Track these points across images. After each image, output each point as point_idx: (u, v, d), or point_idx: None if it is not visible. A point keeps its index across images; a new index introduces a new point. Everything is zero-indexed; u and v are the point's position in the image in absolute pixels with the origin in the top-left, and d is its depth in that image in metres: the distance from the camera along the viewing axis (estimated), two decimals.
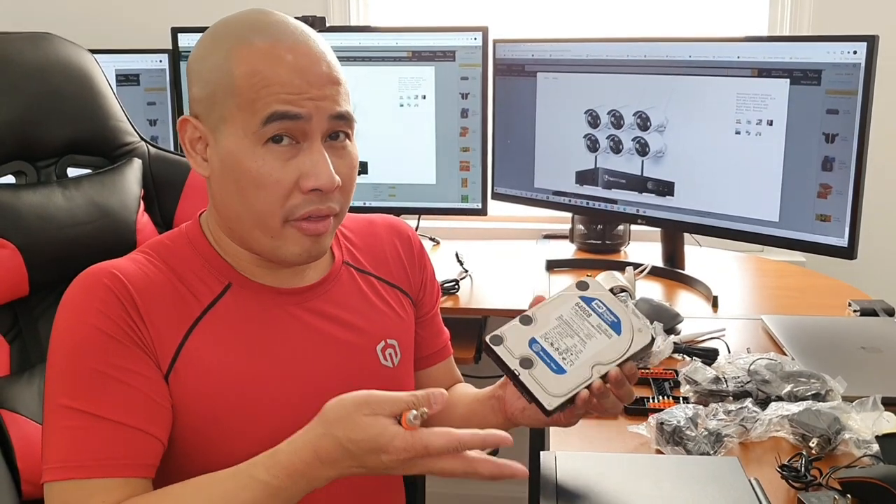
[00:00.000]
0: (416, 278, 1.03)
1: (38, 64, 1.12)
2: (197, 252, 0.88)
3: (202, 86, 0.84)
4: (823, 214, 1.46)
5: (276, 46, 0.81)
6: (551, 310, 0.88)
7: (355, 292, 0.95)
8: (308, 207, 0.82)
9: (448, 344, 1.09)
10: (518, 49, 1.84)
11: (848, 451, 0.98)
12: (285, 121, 0.80)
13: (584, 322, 0.88)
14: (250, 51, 0.81)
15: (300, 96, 0.80)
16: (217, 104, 0.82)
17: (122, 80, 1.99)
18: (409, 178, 1.92)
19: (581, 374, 0.84)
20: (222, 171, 0.83)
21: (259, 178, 0.81)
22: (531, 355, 0.85)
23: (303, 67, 0.81)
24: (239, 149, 0.81)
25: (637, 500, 0.83)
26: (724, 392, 1.11)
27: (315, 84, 0.81)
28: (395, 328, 0.97)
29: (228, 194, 0.84)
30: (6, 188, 1.08)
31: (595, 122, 1.75)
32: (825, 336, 1.36)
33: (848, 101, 1.40)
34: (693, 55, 1.59)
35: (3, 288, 1.03)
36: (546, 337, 0.86)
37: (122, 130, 1.20)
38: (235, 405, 0.84)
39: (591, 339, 0.87)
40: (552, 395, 0.83)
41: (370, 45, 1.87)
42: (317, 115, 0.81)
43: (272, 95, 0.79)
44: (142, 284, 0.83)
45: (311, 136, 0.82)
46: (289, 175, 0.81)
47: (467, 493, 2.29)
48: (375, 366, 0.93)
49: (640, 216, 1.73)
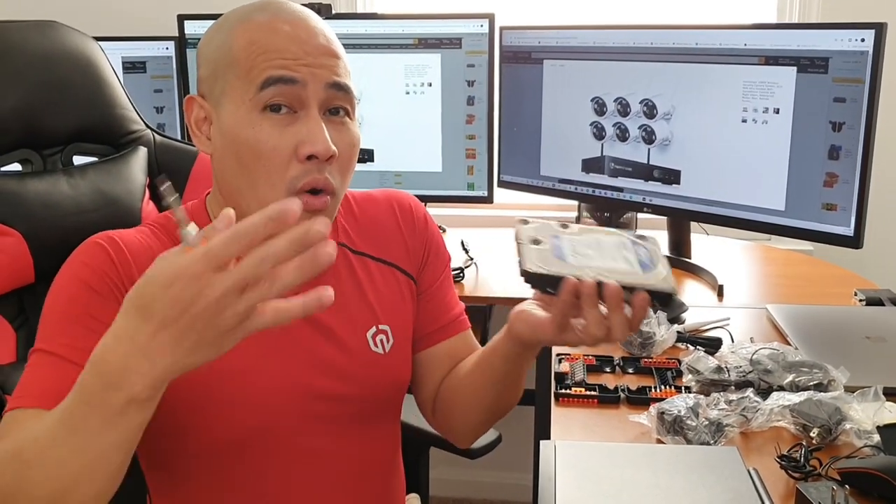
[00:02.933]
0: (417, 250, 1.00)
1: (43, 52, 1.12)
2: None
3: (206, 65, 0.87)
4: (830, 203, 1.46)
5: (275, 20, 0.84)
6: (597, 231, 0.84)
7: (348, 276, 0.94)
8: (306, 177, 0.83)
9: (462, 318, 1.03)
10: (524, 36, 1.83)
11: (849, 441, 0.97)
12: (280, 85, 0.81)
13: (618, 251, 0.82)
14: (250, 25, 0.84)
15: (296, 62, 0.82)
16: (219, 78, 0.85)
17: (129, 68, 1.99)
18: (414, 165, 1.92)
19: (578, 270, 0.77)
20: (223, 146, 0.85)
21: (256, 145, 0.82)
22: (543, 238, 0.81)
23: (299, 37, 0.83)
24: (237, 119, 0.83)
25: (635, 489, 0.83)
26: (725, 382, 1.11)
27: (311, 53, 0.83)
28: (388, 313, 0.96)
29: (230, 169, 0.85)
30: (11, 176, 1.08)
31: (601, 109, 1.74)
32: (830, 325, 1.36)
33: (855, 89, 1.39)
34: (700, 42, 1.58)
35: (9, 275, 1.04)
36: (571, 239, 0.82)
37: (127, 118, 1.21)
38: (222, 387, 0.85)
39: (611, 260, 0.80)
40: (535, 264, 0.78)
41: (376, 33, 1.86)
42: (312, 81, 0.82)
43: (268, 61, 0.82)
44: (139, 250, 0.84)
45: (307, 104, 0.83)
46: (286, 142, 0.82)
47: (471, 480, 2.30)
48: (365, 352, 0.93)
49: (646, 204, 1.72)
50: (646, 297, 0.76)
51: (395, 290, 0.98)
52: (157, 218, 0.92)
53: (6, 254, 1.04)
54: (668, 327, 1.27)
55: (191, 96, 0.88)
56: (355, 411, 0.92)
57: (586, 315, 0.77)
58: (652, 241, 0.85)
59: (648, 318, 1.11)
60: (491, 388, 0.94)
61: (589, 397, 1.12)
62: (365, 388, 0.93)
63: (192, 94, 0.88)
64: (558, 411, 1.10)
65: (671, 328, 1.27)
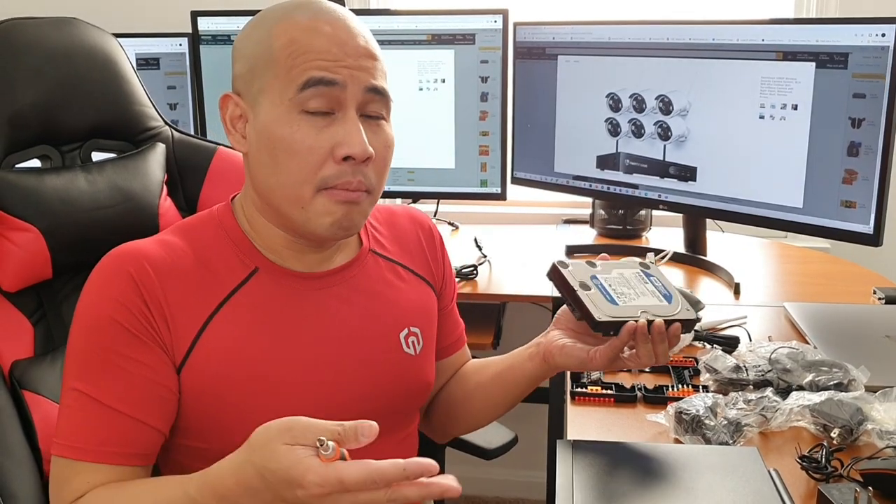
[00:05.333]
0: (438, 270, 1.04)
1: (62, 48, 1.12)
2: (226, 235, 0.90)
3: (243, 62, 0.86)
4: (849, 200, 1.44)
5: (316, 20, 0.84)
6: (614, 266, 0.99)
7: (380, 279, 0.96)
8: (340, 179, 0.83)
9: (463, 334, 1.11)
10: (539, 32, 1.82)
11: (870, 442, 0.96)
12: (321, 86, 0.81)
13: (641, 284, 0.97)
14: (290, 24, 0.84)
15: (336, 63, 0.82)
16: (256, 77, 0.84)
17: (143, 64, 1.99)
18: (427, 162, 1.91)
19: (630, 311, 0.91)
20: (258, 144, 0.85)
21: (292, 144, 0.82)
22: (590, 283, 0.94)
23: (340, 39, 0.83)
24: (275, 117, 0.83)
25: (653, 489, 0.82)
26: (744, 381, 1.10)
27: (351, 55, 0.83)
28: (418, 316, 0.97)
29: (263, 166, 0.85)
30: (30, 172, 1.09)
31: (616, 105, 1.73)
32: (849, 324, 1.35)
33: (875, 84, 1.37)
34: (716, 38, 1.57)
35: (27, 271, 1.05)
36: (606, 279, 0.95)
37: (146, 115, 1.21)
38: (255, 389, 0.85)
39: (644, 296, 0.95)
40: (603, 312, 0.91)
41: (389, 29, 1.86)
42: (352, 83, 0.83)
43: (309, 62, 0.82)
44: (166, 269, 0.84)
45: (345, 107, 0.83)
46: (322, 143, 0.82)
47: (484, 477, 2.30)
48: (398, 353, 0.93)
49: (661, 201, 1.71)
50: (679, 327, 0.92)
51: (424, 297, 1.00)
52: (180, 226, 0.92)
53: (24, 250, 1.04)
54: None
55: (227, 94, 0.88)
56: (385, 411, 0.91)
57: (640, 349, 0.90)
58: (655, 268, 1.01)
59: None
60: (509, 400, 1.03)
61: (605, 396, 1.11)
62: (396, 388, 0.93)
63: (227, 92, 0.88)
64: (574, 410, 1.10)
65: None
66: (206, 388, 0.84)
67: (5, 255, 1.04)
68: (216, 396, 0.84)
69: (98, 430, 0.81)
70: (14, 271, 1.04)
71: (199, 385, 0.84)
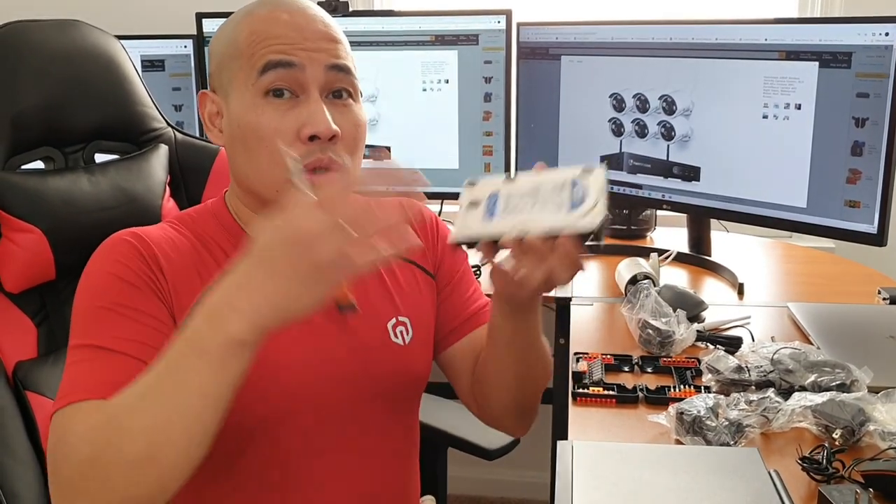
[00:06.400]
0: (432, 250, 1.03)
1: (65, 50, 1.13)
2: (220, 224, 0.92)
3: (214, 60, 0.90)
4: (853, 200, 1.44)
5: (275, 10, 0.87)
6: (538, 176, 0.82)
7: None
8: (310, 157, 0.84)
9: (482, 311, 1.03)
10: (542, 32, 1.82)
11: (872, 443, 0.96)
12: (279, 69, 0.84)
13: (553, 193, 0.80)
14: (252, 18, 0.87)
15: (293, 46, 0.85)
16: (224, 70, 0.88)
17: (148, 66, 2.00)
18: (431, 162, 1.91)
19: (502, 227, 0.79)
20: (231, 135, 0.88)
21: (258, 129, 0.84)
22: (483, 199, 0.82)
23: (298, 24, 0.86)
24: (242, 105, 0.86)
25: (653, 490, 0.82)
26: (746, 381, 1.10)
27: (310, 38, 0.86)
28: (408, 306, 0.97)
29: (238, 156, 0.88)
30: (33, 174, 1.09)
31: (620, 105, 1.73)
32: (852, 325, 1.34)
33: (879, 83, 1.37)
34: (720, 38, 1.56)
35: (31, 272, 1.05)
36: (507, 192, 0.82)
37: (148, 116, 1.21)
38: None
39: (541, 207, 0.79)
40: (463, 231, 0.81)
41: (393, 30, 1.86)
42: (311, 65, 0.85)
43: (267, 47, 0.85)
44: (166, 247, 0.87)
45: (308, 88, 0.85)
46: (288, 125, 0.84)
47: (489, 478, 2.30)
48: (386, 342, 0.94)
49: (665, 201, 1.71)
50: (567, 241, 0.76)
51: (415, 285, 1.00)
52: (178, 216, 0.94)
53: (28, 251, 1.05)
54: (688, 326, 1.26)
55: (203, 92, 0.91)
56: (374, 401, 0.93)
57: (518, 265, 0.78)
58: (597, 172, 0.80)
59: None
60: (507, 356, 0.93)
61: (607, 397, 1.11)
62: (384, 378, 0.93)
63: (204, 90, 0.91)
64: (576, 411, 1.09)
65: (691, 327, 1.26)
66: None
67: (8, 256, 1.05)
68: None
69: (104, 372, 0.76)
70: (17, 272, 1.05)
71: None
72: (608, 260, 1.79)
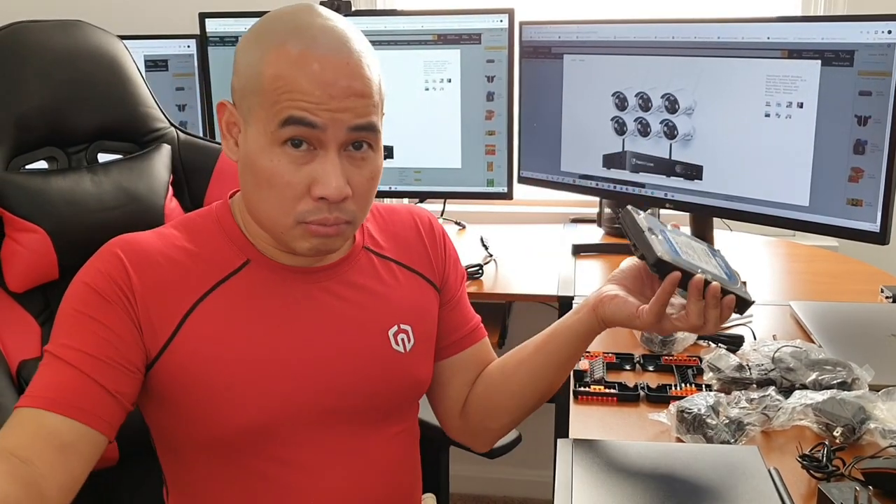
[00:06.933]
0: (439, 263, 1.03)
1: (68, 51, 1.13)
2: (222, 229, 0.92)
3: (238, 78, 0.87)
4: (855, 199, 1.43)
5: (307, 54, 0.82)
6: (684, 234, 0.97)
7: (372, 276, 0.96)
8: (317, 215, 0.84)
9: (480, 326, 1.08)
10: (544, 31, 1.82)
11: (873, 441, 0.96)
12: (300, 126, 0.82)
13: (707, 257, 0.95)
14: (281, 54, 0.82)
15: (318, 106, 0.81)
16: (246, 98, 0.86)
17: (151, 66, 2.01)
18: (434, 162, 1.92)
19: (691, 265, 0.89)
20: (245, 163, 0.87)
21: (271, 178, 0.84)
22: (658, 233, 0.92)
23: (326, 80, 0.81)
24: (258, 146, 0.84)
25: (651, 488, 0.83)
26: (747, 380, 1.10)
27: (336, 97, 0.82)
28: (410, 314, 0.97)
29: (248, 185, 0.88)
30: (37, 174, 1.10)
31: (622, 104, 1.73)
32: (855, 323, 1.34)
33: (881, 82, 1.37)
34: (722, 36, 1.56)
35: (34, 272, 1.06)
36: (673, 237, 0.94)
37: (151, 116, 1.22)
38: (240, 374, 0.86)
39: (707, 264, 0.92)
40: (669, 254, 0.88)
41: (396, 29, 1.86)
42: (332, 126, 0.82)
43: (291, 101, 0.82)
44: (157, 255, 0.87)
45: (326, 145, 0.83)
46: (300, 179, 0.83)
47: (492, 477, 2.30)
48: (385, 349, 0.94)
49: (668, 200, 1.71)
50: (734, 300, 0.88)
51: (419, 294, 1.00)
52: (182, 220, 0.94)
53: (31, 250, 1.05)
54: None
55: (223, 102, 0.90)
56: (372, 407, 0.93)
57: (692, 306, 0.87)
58: (721, 254, 0.99)
59: None
60: (552, 371, 0.99)
61: (608, 395, 1.11)
62: (383, 385, 0.93)
63: (224, 101, 0.90)
64: (577, 409, 1.10)
65: None
66: (192, 370, 0.85)
67: (12, 256, 1.05)
68: (200, 381, 0.85)
69: (43, 378, 0.82)
70: (21, 272, 1.05)
71: (184, 366, 0.85)
72: (611, 259, 1.80)
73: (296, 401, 0.88)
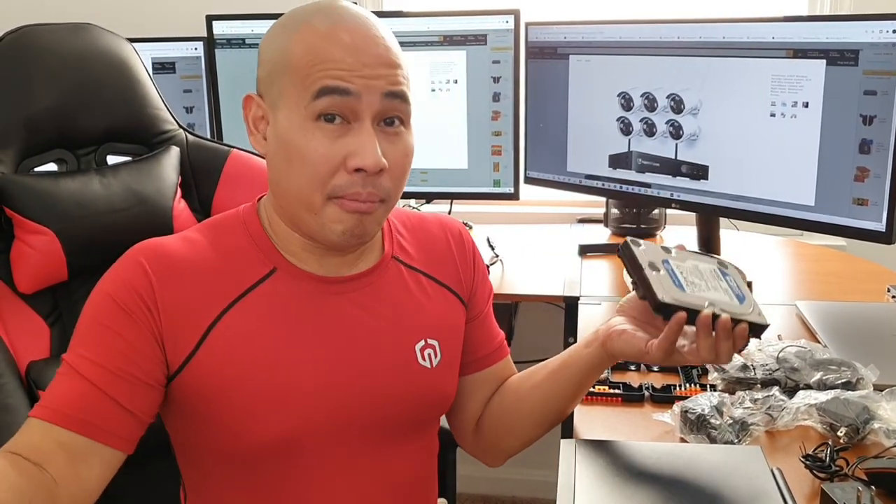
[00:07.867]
0: (468, 278, 1.01)
1: (77, 53, 1.14)
2: (248, 234, 0.90)
3: (265, 66, 0.87)
4: (861, 198, 1.43)
5: (335, 27, 0.82)
6: (690, 256, 0.93)
7: (400, 288, 0.94)
8: (351, 189, 0.83)
9: (503, 345, 1.06)
10: (550, 32, 1.83)
11: (877, 441, 0.96)
12: (335, 96, 0.81)
13: (715, 280, 0.90)
14: (309, 31, 0.83)
15: (351, 73, 0.81)
16: (276, 82, 0.85)
17: (158, 68, 2.02)
18: (440, 162, 1.92)
19: (697, 301, 0.85)
20: (276, 148, 0.86)
21: (306, 152, 0.82)
22: (661, 266, 0.88)
23: (358, 47, 0.82)
24: (291, 124, 0.83)
25: (654, 488, 0.83)
26: (751, 380, 1.10)
27: (369, 64, 0.82)
28: (438, 328, 0.95)
29: (279, 171, 0.86)
30: (46, 176, 1.11)
31: (628, 104, 1.73)
32: (860, 323, 1.34)
33: (887, 81, 1.36)
34: (727, 36, 1.56)
35: (43, 273, 1.07)
36: (678, 266, 0.89)
37: (160, 118, 1.23)
38: (264, 385, 0.85)
39: (716, 291, 0.88)
40: (668, 293, 0.85)
41: (401, 30, 1.87)
42: (367, 93, 0.82)
43: (324, 71, 0.81)
44: (183, 264, 0.86)
45: (361, 116, 0.83)
46: (336, 152, 0.82)
47: (499, 477, 2.31)
48: (411, 364, 0.92)
49: (674, 200, 1.71)
50: (747, 329, 0.85)
51: (447, 308, 0.98)
52: (208, 224, 0.93)
53: (40, 252, 1.06)
54: None
55: (249, 95, 0.89)
56: (396, 423, 0.91)
57: (702, 342, 0.84)
58: (732, 268, 0.95)
59: None
60: (563, 398, 0.99)
61: (613, 395, 1.12)
62: (409, 401, 0.92)
63: (250, 94, 0.89)
64: (581, 409, 1.10)
65: None
66: (215, 382, 0.84)
67: (22, 257, 1.06)
68: (222, 394, 0.84)
69: (58, 389, 0.81)
70: (30, 273, 1.06)
71: (207, 379, 0.84)
72: (616, 259, 1.79)
73: (318, 416, 0.87)
